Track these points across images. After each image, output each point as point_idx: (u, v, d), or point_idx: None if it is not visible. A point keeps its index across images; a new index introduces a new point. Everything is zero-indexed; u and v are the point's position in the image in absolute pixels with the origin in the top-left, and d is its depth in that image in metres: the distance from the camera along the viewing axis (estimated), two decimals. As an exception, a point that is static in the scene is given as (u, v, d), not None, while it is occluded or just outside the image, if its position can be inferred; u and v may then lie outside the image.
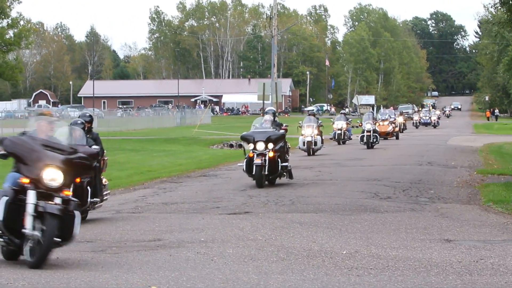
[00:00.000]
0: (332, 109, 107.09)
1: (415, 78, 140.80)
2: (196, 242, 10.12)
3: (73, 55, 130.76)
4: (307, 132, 28.85)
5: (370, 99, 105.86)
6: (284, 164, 17.39)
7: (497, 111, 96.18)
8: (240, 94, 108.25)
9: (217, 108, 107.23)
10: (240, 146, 33.78)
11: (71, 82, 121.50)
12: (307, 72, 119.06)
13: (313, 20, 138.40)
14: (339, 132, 37.14)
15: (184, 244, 9.94)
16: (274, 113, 18.44)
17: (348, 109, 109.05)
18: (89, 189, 12.20)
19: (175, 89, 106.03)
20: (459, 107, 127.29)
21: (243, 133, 18.04)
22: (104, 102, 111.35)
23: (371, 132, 32.83)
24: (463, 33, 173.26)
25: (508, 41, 65.94)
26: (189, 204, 14.38)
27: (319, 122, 29.71)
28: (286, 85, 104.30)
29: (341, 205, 13.96)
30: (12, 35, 45.13)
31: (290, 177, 17.94)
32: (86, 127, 12.96)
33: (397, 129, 44.43)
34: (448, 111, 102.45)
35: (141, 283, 7.52)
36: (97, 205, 12.81)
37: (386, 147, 34.37)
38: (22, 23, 46.70)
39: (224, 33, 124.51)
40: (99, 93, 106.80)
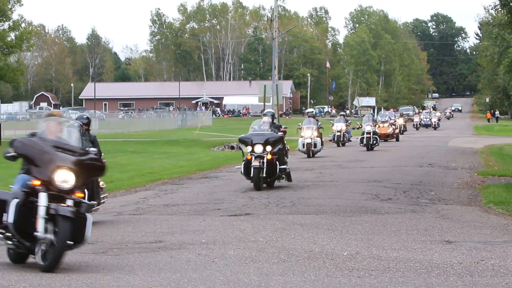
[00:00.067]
0: (333, 111, 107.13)
1: (416, 80, 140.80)
2: (197, 243, 10.13)
3: (74, 58, 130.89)
4: (306, 134, 28.63)
5: (371, 101, 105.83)
6: (283, 166, 17.26)
7: (497, 112, 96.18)
8: (241, 96, 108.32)
9: (219, 110, 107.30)
10: (240, 148, 33.66)
11: (72, 84, 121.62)
12: (308, 74, 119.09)
13: (313, 22, 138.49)
14: (338, 134, 36.96)
15: (185, 246, 9.96)
16: (272, 115, 18.26)
17: (349, 111, 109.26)
18: (86, 191, 12.19)
19: (176, 91, 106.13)
20: (460, 109, 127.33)
21: (241, 135, 17.92)
22: (105, 104, 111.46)
23: (371, 134, 32.68)
24: (463, 35, 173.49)
25: (508, 43, 65.88)
26: (190, 206, 14.39)
27: (318, 124, 29.46)
28: (287, 87, 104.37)
29: (342, 206, 13.97)
30: (13, 37, 45.10)
31: (289, 179, 17.81)
32: (84, 129, 12.94)
33: (397, 131, 44.18)
34: (448, 112, 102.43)
35: (142, 284, 7.53)
36: (94, 208, 12.79)
37: (387, 148, 34.34)
38: (23, 25, 46.64)
39: (225, 35, 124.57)
40: (100, 95, 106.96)
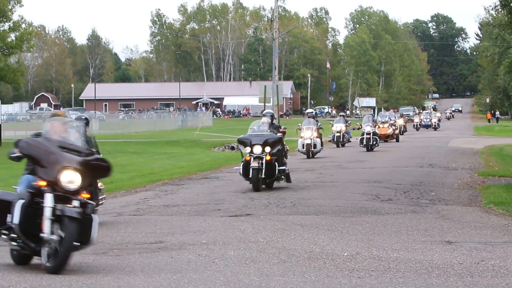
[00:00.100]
0: (333, 112, 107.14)
1: (416, 80, 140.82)
2: (198, 244, 10.13)
3: (74, 58, 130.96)
4: (306, 135, 28.46)
5: (371, 101, 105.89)
6: (282, 168, 17.15)
7: (498, 113, 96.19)
8: (242, 96, 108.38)
9: (220, 111, 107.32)
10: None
11: (72, 85, 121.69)
12: (308, 75, 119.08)
13: (314, 22, 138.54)
14: (338, 134, 36.74)
15: (186, 247, 9.96)
16: (272, 115, 18.15)
17: (349, 111, 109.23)
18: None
19: (176, 92, 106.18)
20: (460, 109, 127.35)
21: (240, 136, 17.79)
22: (105, 105, 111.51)
23: (371, 134, 32.55)
24: (464, 35, 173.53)
25: (508, 43, 65.90)
26: (190, 207, 14.39)
27: (318, 124, 29.28)
28: (287, 87, 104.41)
29: (342, 207, 13.97)
30: (13, 38, 45.11)
31: (288, 180, 17.72)
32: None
33: (397, 131, 44.02)
34: (449, 113, 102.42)
35: (142, 285, 7.53)
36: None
37: (387, 149, 34.33)
38: (23, 26, 46.62)
39: (225, 36, 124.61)
40: (101, 96, 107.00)
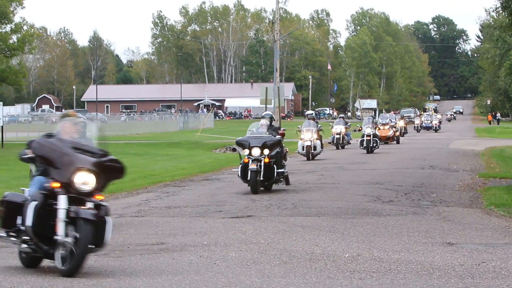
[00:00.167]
0: (335, 113, 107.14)
1: (417, 82, 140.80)
2: (199, 245, 10.15)
3: (76, 60, 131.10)
4: (306, 137, 28.22)
5: (372, 103, 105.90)
6: (280, 170, 17.00)
7: (498, 115, 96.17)
8: (243, 98, 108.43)
9: (222, 113, 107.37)
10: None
11: (74, 87, 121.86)
12: (310, 77, 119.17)
13: (315, 24, 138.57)
14: (337, 136, 36.43)
15: (187, 248, 9.98)
16: (271, 117, 18.00)
17: (350, 113, 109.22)
18: None
19: (178, 94, 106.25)
20: (461, 111, 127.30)
21: (239, 138, 17.63)
22: (107, 107, 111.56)
23: (371, 136, 32.33)
24: (464, 37, 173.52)
25: (509, 45, 65.95)
26: (192, 208, 14.41)
27: (318, 126, 29.07)
28: (288, 89, 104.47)
29: (343, 208, 13.98)
30: (15, 40, 45.20)
31: (287, 183, 17.57)
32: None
33: (397, 133, 43.76)
34: (449, 115, 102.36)
35: (144, 286, 7.55)
36: None
37: (388, 151, 34.33)
38: (25, 28, 46.70)
39: (227, 38, 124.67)
40: (102, 97, 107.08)
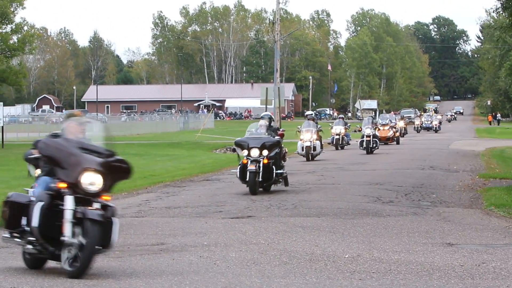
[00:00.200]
0: (335, 114, 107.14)
1: (417, 82, 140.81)
2: (199, 246, 10.15)
3: (76, 60, 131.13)
4: (305, 137, 28.02)
5: (373, 103, 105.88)
6: (279, 171, 16.92)
7: (499, 115, 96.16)
8: (243, 98, 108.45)
9: (223, 113, 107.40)
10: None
11: (74, 87, 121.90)
12: (310, 77, 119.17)
13: (315, 25, 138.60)
14: (337, 137, 36.27)
15: (187, 248, 9.98)
16: (270, 118, 17.88)
17: (350, 114, 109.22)
18: None
19: (178, 94, 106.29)
20: (461, 112, 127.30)
21: (237, 138, 17.55)
22: (107, 107, 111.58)
23: (371, 137, 32.14)
24: (465, 37, 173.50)
25: (510, 46, 65.99)
26: (192, 208, 14.41)
27: (318, 126, 28.89)
28: (289, 89, 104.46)
29: (343, 209, 13.99)
30: (16, 40, 45.25)
31: (285, 184, 17.44)
32: None
33: (397, 134, 43.55)
34: (449, 115, 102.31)
35: (144, 287, 7.55)
36: None
37: (388, 151, 34.32)
38: (26, 28, 46.72)
39: (227, 38, 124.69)
40: (103, 98, 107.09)
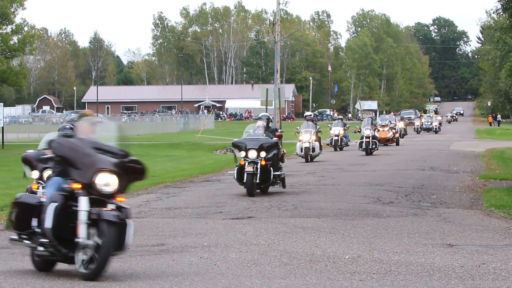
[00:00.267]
0: (335, 115, 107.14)
1: (418, 83, 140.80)
2: (199, 246, 10.15)
3: (77, 61, 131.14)
4: (304, 138, 27.82)
5: (373, 104, 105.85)
6: (277, 173, 16.81)
7: (499, 116, 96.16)
8: (243, 99, 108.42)
9: (224, 114, 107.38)
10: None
11: (75, 88, 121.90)
12: (310, 78, 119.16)
13: (316, 26, 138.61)
14: (336, 138, 36.06)
15: (187, 249, 9.98)
16: (268, 119, 17.74)
17: (351, 114, 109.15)
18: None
19: (178, 95, 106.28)
20: (462, 113, 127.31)
21: (235, 139, 17.45)
22: (108, 108, 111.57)
23: (370, 138, 31.97)
24: (465, 38, 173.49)
25: (510, 47, 66.00)
26: (192, 209, 14.41)
27: (317, 127, 28.71)
28: (289, 90, 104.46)
29: (343, 210, 13.99)
30: (16, 41, 45.33)
31: (283, 186, 17.28)
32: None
33: (397, 135, 43.34)
34: (450, 116, 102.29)
35: (144, 287, 7.57)
36: None
37: (388, 152, 34.31)
38: (26, 29, 46.79)
39: (227, 39, 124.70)
40: (103, 98, 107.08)
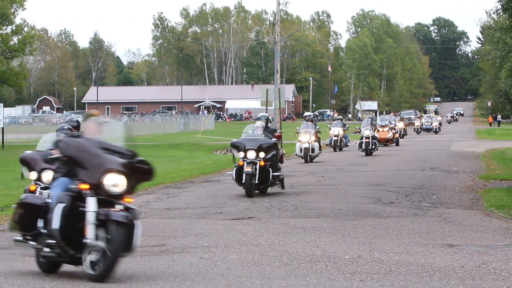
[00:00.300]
0: (335, 115, 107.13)
1: (418, 84, 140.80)
2: (200, 247, 10.16)
3: (77, 62, 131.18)
4: (304, 139, 27.71)
5: (373, 105, 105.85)
6: (276, 173, 16.74)
7: (499, 116, 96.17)
8: (243, 100, 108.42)
9: (224, 115, 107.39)
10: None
11: (75, 88, 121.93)
12: (310, 78, 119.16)
13: (316, 26, 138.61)
14: (335, 138, 35.93)
15: (188, 250, 9.98)
16: (267, 119, 17.68)
17: (351, 115, 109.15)
18: None
19: (178, 95, 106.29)
20: (462, 113, 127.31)
21: (234, 140, 17.36)
22: (108, 108, 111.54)
23: (370, 138, 31.82)
24: (465, 39, 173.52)
25: (510, 47, 66.01)
26: (192, 210, 14.41)
27: (316, 128, 28.61)
28: (289, 91, 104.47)
29: (344, 210, 13.99)
30: (16, 41, 45.36)
31: (282, 187, 17.19)
32: (73, 132, 12.78)
33: (397, 135, 43.23)
34: (450, 117, 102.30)
35: (145, 288, 7.58)
36: None
37: (388, 153, 34.31)
38: (26, 29, 46.81)
39: (227, 40, 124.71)
40: (103, 99, 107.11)
